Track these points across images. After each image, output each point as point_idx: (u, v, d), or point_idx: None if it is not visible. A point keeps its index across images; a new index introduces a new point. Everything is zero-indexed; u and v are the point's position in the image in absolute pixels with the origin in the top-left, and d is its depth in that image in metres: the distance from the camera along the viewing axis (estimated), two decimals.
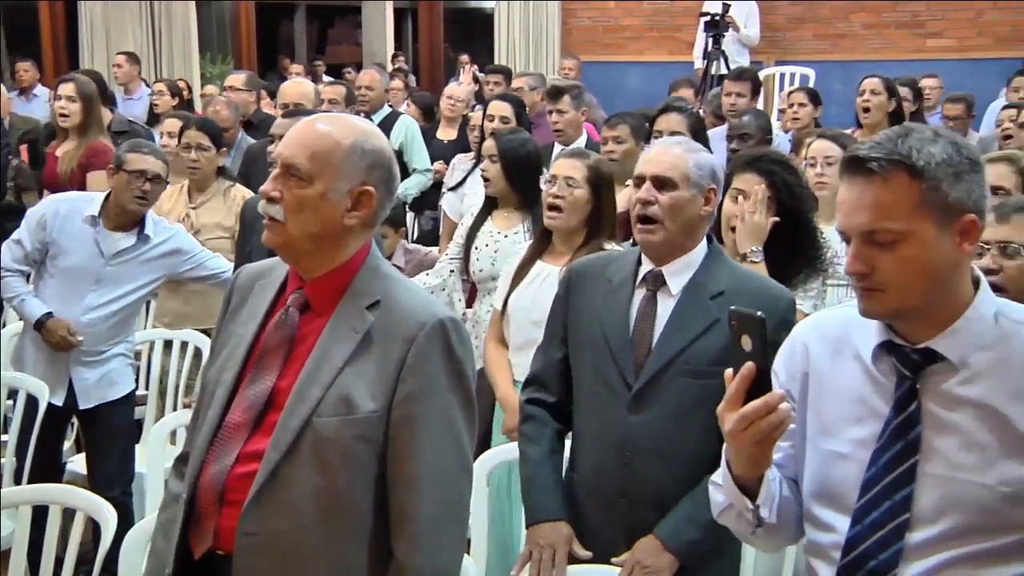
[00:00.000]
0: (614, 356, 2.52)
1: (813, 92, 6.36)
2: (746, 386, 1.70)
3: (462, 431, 2.01)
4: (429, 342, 1.96)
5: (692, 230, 2.56)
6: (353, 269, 2.03)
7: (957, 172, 1.68)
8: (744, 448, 1.74)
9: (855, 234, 1.71)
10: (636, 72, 10.45)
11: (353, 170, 1.98)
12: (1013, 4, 9.71)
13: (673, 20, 10.68)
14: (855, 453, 1.78)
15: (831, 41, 10.30)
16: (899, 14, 10.06)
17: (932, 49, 9.91)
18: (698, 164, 2.56)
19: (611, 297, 2.58)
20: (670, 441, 2.47)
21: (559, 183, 3.37)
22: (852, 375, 1.82)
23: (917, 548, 1.71)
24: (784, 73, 9.76)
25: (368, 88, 6.76)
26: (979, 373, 1.71)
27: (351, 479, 1.95)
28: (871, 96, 5.45)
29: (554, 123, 5.49)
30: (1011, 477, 1.67)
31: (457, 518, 2.03)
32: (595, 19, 11.16)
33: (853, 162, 1.71)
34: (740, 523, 1.89)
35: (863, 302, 1.74)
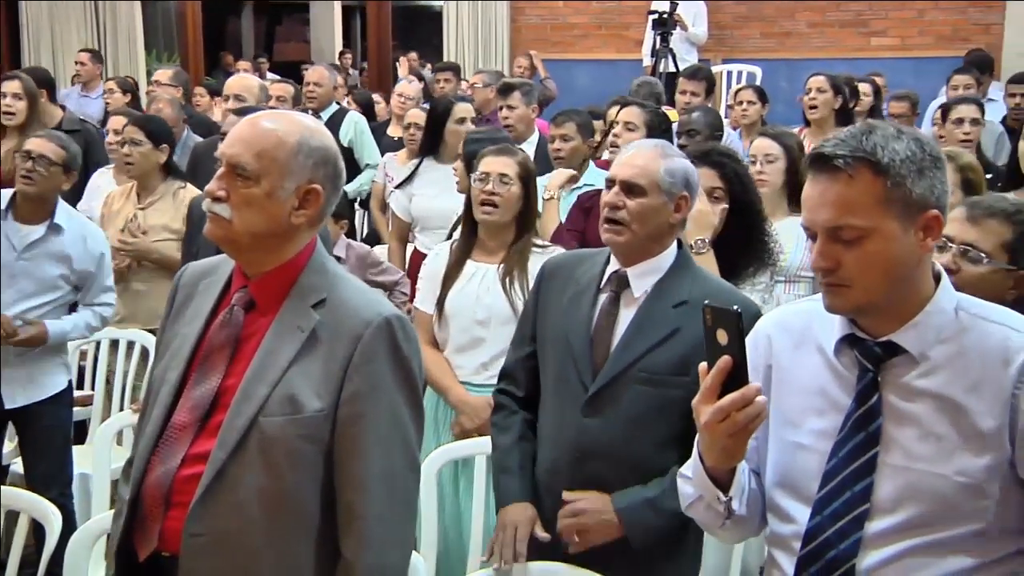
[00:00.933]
0: (574, 357, 2.53)
1: (760, 90, 6.44)
2: (722, 379, 1.71)
3: (409, 429, 2.00)
4: (375, 340, 1.95)
5: (660, 236, 2.55)
6: (299, 267, 2.01)
7: (920, 168, 1.70)
8: (719, 440, 1.75)
9: (820, 230, 1.72)
10: (585, 70, 10.47)
11: (299, 168, 1.97)
12: (953, 4, 9.89)
13: (621, 18, 10.72)
14: (816, 444, 1.81)
15: (777, 39, 10.40)
16: (843, 13, 10.19)
17: (876, 48, 10.05)
18: (670, 171, 2.54)
19: (577, 297, 2.58)
20: (622, 446, 2.47)
21: (494, 180, 3.37)
22: (814, 367, 1.84)
23: (875, 538, 1.73)
24: (731, 71, 9.84)
25: (316, 85, 6.72)
26: (938, 366, 1.74)
27: (298, 478, 1.94)
28: (817, 94, 5.51)
29: (504, 118, 5.49)
30: (967, 467, 1.69)
31: (405, 516, 2.03)
32: (544, 17, 11.17)
33: (818, 159, 1.72)
34: (709, 515, 1.90)
35: (828, 297, 1.76)
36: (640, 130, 4.08)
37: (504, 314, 3.30)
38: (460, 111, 5.05)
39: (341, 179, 2.06)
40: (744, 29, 10.45)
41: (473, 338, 3.38)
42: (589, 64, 10.60)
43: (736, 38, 10.44)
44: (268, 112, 2.07)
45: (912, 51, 9.92)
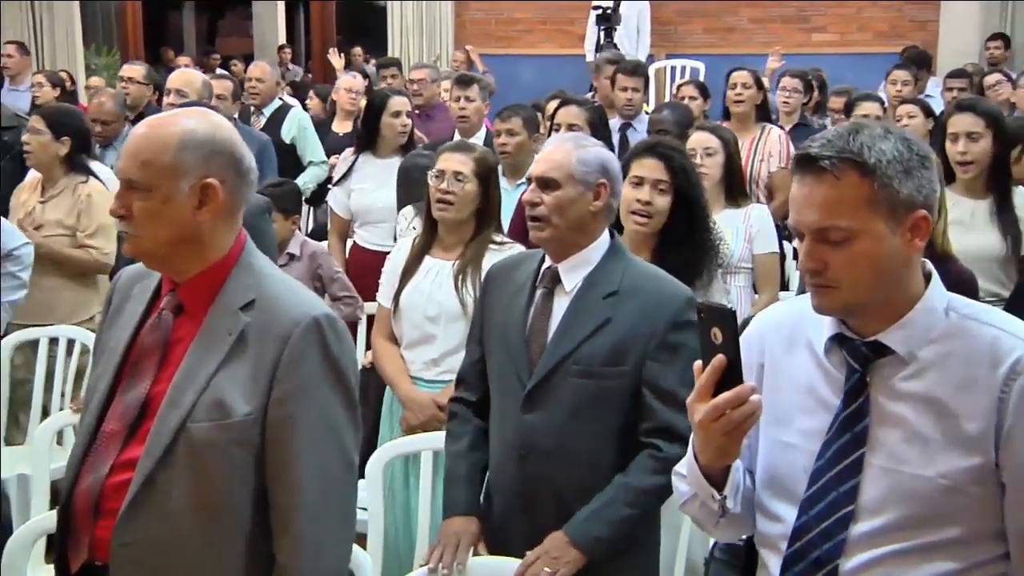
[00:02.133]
0: (511, 355, 2.54)
1: (702, 85, 6.48)
2: (716, 378, 1.69)
3: (344, 431, 1.95)
4: (303, 341, 1.89)
5: (584, 226, 2.56)
6: (227, 267, 1.95)
7: (907, 169, 1.68)
8: (713, 439, 1.73)
9: (807, 231, 1.71)
10: (529, 65, 10.50)
11: (188, 165, 1.89)
12: (891, 2, 10.08)
13: (565, 13, 10.77)
14: (804, 444, 1.79)
15: (720, 35, 10.51)
16: (784, 9, 10.33)
17: (816, 43, 10.20)
18: (583, 161, 2.55)
19: (514, 296, 2.59)
20: (563, 441, 2.47)
21: (448, 178, 3.37)
22: (804, 366, 1.83)
23: (859, 540, 1.72)
24: (675, 66, 9.92)
25: (259, 80, 6.66)
26: (926, 367, 1.72)
27: (228, 485, 1.89)
28: (743, 89, 5.57)
29: (461, 109, 5.46)
30: (950, 470, 1.68)
31: (341, 519, 1.97)
32: (488, 12, 11.18)
33: (804, 160, 1.70)
34: (703, 513, 1.88)
35: (816, 298, 1.74)
36: (584, 130, 4.08)
37: (453, 311, 3.29)
38: (395, 104, 5.01)
39: (244, 164, 1.95)
40: (687, 25, 10.55)
41: (424, 334, 3.37)
42: (533, 59, 10.63)
43: (680, 34, 10.53)
44: (152, 117, 1.99)
45: (851, 47, 10.08)
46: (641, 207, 3.14)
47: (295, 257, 4.58)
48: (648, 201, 3.13)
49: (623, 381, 2.46)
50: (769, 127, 5.55)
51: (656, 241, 3.19)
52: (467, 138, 5.42)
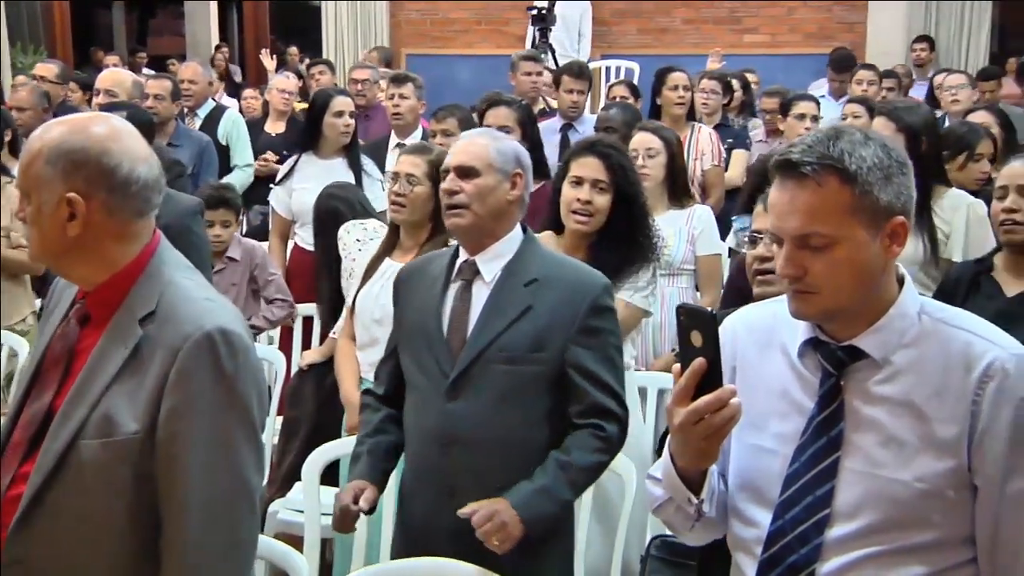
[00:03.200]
0: (430, 345, 2.55)
1: (633, 85, 6.55)
2: (696, 381, 1.68)
3: (240, 451, 1.84)
4: (193, 356, 1.79)
5: (501, 215, 2.59)
6: (132, 275, 1.87)
7: (887, 175, 1.69)
8: (693, 442, 1.72)
9: (788, 237, 1.71)
10: (465, 65, 10.49)
11: (51, 179, 1.80)
12: (820, 3, 10.23)
13: (501, 13, 10.78)
14: (779, 448, 1.79)
15: (654, 35, 10.59)
16: (717, 10, 10.44)
17: (748, 44, 10.31)
18: (500, 151, 2.60)
19: (429, 291, 2.61)
20: (489, 429, 2.49)
21: (401, 181, 3.38)
22: (778, 370, 1.83)
23: (835, 544, 1.72)
24: (610, 66, 9.97)
25: (191, 82, 6.58)
26: (900, 371, 1.72)
27: (116, 505, 1.82)
28: (684, 92, 5.63)
29: (395, 107, 5.49)
30: (926, 473, 1.68)
31: (231, 544, 1.86)
32: (423, 12, 11.15)
33: (785, 165, 1.70)
34: (678, 517, 1.88)
35: (794, 303, 1.74)
36: (515, 130, 4.09)
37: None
38: (338, 104, 5.01)
39: (121, 178, 1.83)
40: (621, 25, 10.61)
41: (371, 337, 3.40)
42: (469, 59, 10.62)
43: (614, 34, 10.59)
44: (51, 121, 1.92)
45: (782, 48, 10.22)
46: (581, 206, 3.17)
47: (234, 260, 4.55)
48: (588, 200, 3.16)
49: (546, 367, 2.50)
50: (699, 126, 5.63)
51: (593, 239, 3.22)
52: (403, 137, 5.43)
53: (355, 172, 4.97)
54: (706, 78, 6.51)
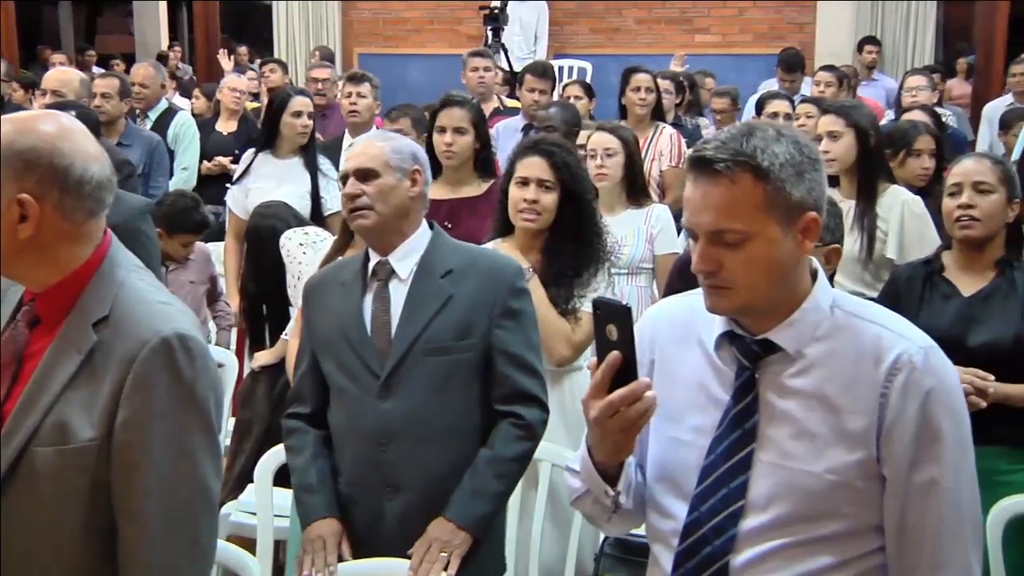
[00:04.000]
0: (355, 349, 2.56)
1: (587, 85, 6.55)
2: (611, 374, 1.69)
3: (199, 459, 1.81)
4: (150, 363, 1.75)
5: (406, 213, 2.62)
6: (84, 278, 1.82)
7: (799, 171, 1.70)
8: (609, 435, 1.74)
9: (702, 233, 1.72)
10: (418, 65, 10.49)
11: (1, 180, 1.75)
12: (770, 3, 10.34)
13: (453, 13, 10.78)
14: (695, 440, 1.81)
15: (606, 35, 10.65)
16: (668, 11, 10.51)
17: (700, 44, 10.39)
18: (396, 150, 2.64)
19: (345, 297, 2.62)
20: (426, 422, 2.51)
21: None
22: (695, 363, 1.84)
23: (749, 535, 1.74)
24: (562, 66, 10.00)
25: (142, 85, 6.52)
26: (813, 364, 1.75)
27: (71, 513, 1.77)
28: (646, 94, 5.66)
29: (352, 104, 5.49)
30: (837, 465, 1.71)
31: (191, 550, 1.83)
32: (375, 12, 11.13)
33: (699, 162, 1.71)
34: (596, 509, 1.90)
35: (710, 299, 1.76)
36: (469, 131, 4.09)
37: None
38: (296, 104, 4.98)
39: (74, 178, 1.78)
40: (574, 25, 10.66)
41: None
42: (422, 59, 10.61)
43: (566, 33, 10.63)
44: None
45: (733, 48, 10.32)
46: (528, 205, 3.17)
47: (190, 260, 4.53)
48: (534, 200, 3.17)
49: (475, 353, 2.55)
50: (662, 126, 5.65)
51: (546, 239, 3.23)
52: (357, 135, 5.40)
53: (311, 172, 4.96)
54: (659, 78, 6.55)
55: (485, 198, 4.01)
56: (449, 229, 3.70)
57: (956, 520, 1.73)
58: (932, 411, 1.70)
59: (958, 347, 2.90)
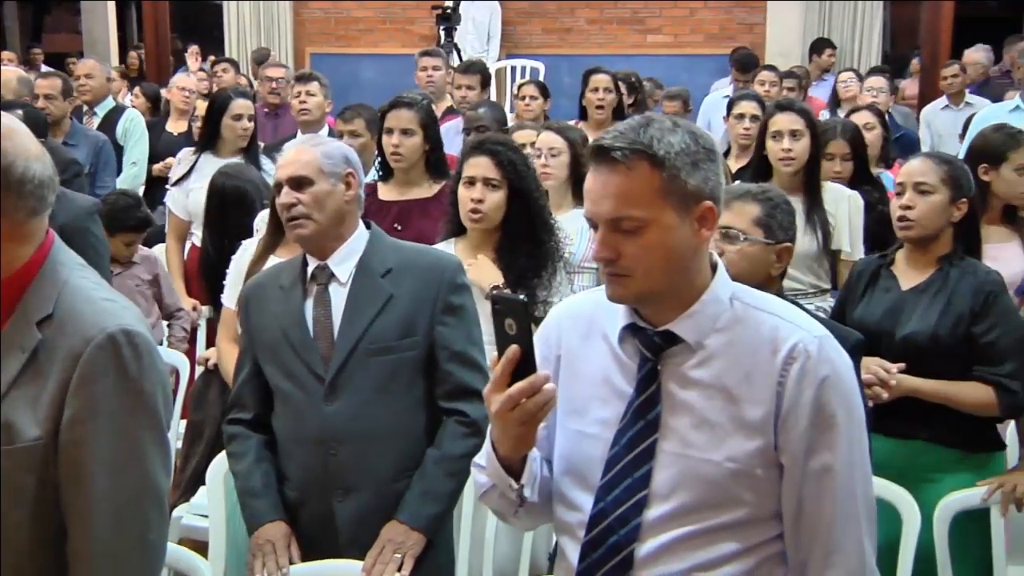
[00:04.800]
0: (298, 353, 2.55)
1: (542, 85, 6.57)
2: (511, 368, 1.71)
3: (148, 456, 1.79)
4: (96, 359, 1.73)
5: (343, 217, 2.62)
6: (27, 277, 1.79)
7: (695, 161, 1.74)
8: (510, 429, 1.76)
9: (601, 221, 1.75)
10: (371, 65, 10.45)
11: None
12: (721, 4, 10.42)
13: (406, 13, 10.76)
14: (600, 432, 1.83)
15: (558, 35, 10.67)
16: (620, 11, 10.56)
17: (651, 45, 10.46)
18: (327, 155, 2.63)
19: (285, 301, 2.61)
20: (373, 422, 2.52)
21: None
22: (600, 356, 1.87)
23: (653, 524, 1.77)
24: (515, 66, 10.02)
25: (88, 76, 6.45)
26: (713, 354, 1.78)
27: (19, 514, 1.75)
28: (604, 94, 5.68)
29: (302, 103, 5.50)
30: (737, 453, 1.75)
31: (141, 548, 1.81)
32: (327, 11, 11.07)
33: (598, 151, 1.75)
34: (502, 503, 1.91)
35: (610, 287, 1.79)
36: (416, 132, 4.08)
37: None
38: (237, 107, 4.98)
39: (16, 177, 1.76)
40: (527, 25, 10.68)
41: None
42: (374, 58, 10.58)
43: (519, 33, 10.65)
44: None
45: (685, 48, 10.39)
46: (475, 204, 3.18)
47: (135, 263, 4.49)
48: (480, 199, 3.18)
49: (418, 351, 2.56)
50: None
51: (498, 239, 3.24)
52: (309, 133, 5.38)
53: None
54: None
55: (436, 199, 4.01)
56: (399, 231, 3.71)
57: (850, 505, 1.77)
58: (826, 398, 1.74)
59: (886, 339, 2.95)
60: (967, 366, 2.95)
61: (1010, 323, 2.95)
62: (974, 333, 2.93)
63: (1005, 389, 2.90)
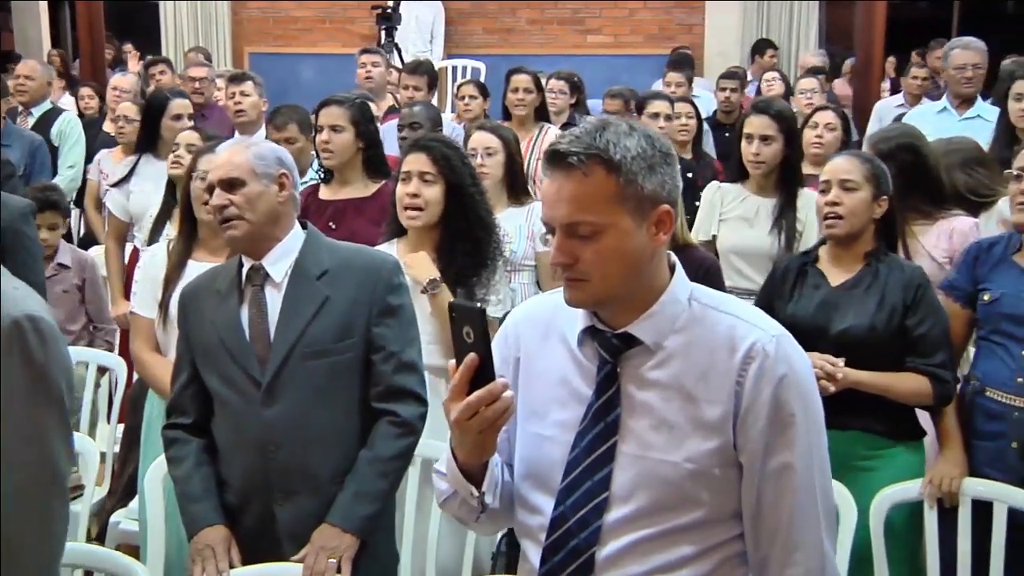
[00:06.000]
0: (235, 358, 2.54)
1: (482, 85, 6.58)
2: (470, 376, 1.71)
3: (52, 441, 1.77)
4: (1, 344, 1.71)
5: (276, 218, 2.60)
6: None
7: (651, 165, 1.73)
8: (469, 436, 1.75)
9: (558, 226, 1.75)
10: (310, 64, 10.38)
11: None
12: (660, 4, 10.50)
13: (346, 12, 10.71)
14: (560, 435, 1.83)
15: (499, 35, 10.69)
16: (560, 11, 10.60)
17: (592, 45, 10.52)
18: (259, 156, 2.62)
19: (221, 306, 2.60)
20: (312, 426, 2.52)
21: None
22: (559, 359, 1.86)
23: (613, 526, 1.77)
24: (456, 66, 10.02)
25: (27, 78, 6.36)
26: (671, 355, 1.78)
27: None
28: (524, 94, 5.71)
29: (237, 104, 5.46)
30: (695, 454, 1.74)
31: (44, 536, 1.79)
32: (265, 10, 10.98)
33: (553, 156, 1.74)
34: (464, 510, 1.91)
35: (568, 291, 1.78)
36: (348, 129, 4.07)
37: None
38: (176, 107, 4.95)
39: None
40: (467, 25, 10.68)
41: None
42: (315, 58, 10.52)
43: (460, 33, 10.64)
44: None
45: (625, 48, 10.45)
46: (410, 200, 3.18)
47: (66, 267, 4.42)
48: (416, 193, 3.18)
49: (355, 353, 2.55)
50: (547, 126, 5.70)
51: (437, 238, 3.24)
52: (247, 134, 5.35)
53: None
54: (554, 78, 6.61)
55: (374, 199, 3.99)
56: (332, 230, 3.69)
57: (809, 503, 1.78)
58: (784, 397, 1.74)
59: (820, 334, 3.01)
60: (900, 358, 3.01)
61: (938, 316, 3.04)
62: (907, 326, 3.00)
63: (938, 379, 2.98)
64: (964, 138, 4.21)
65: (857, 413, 2.98)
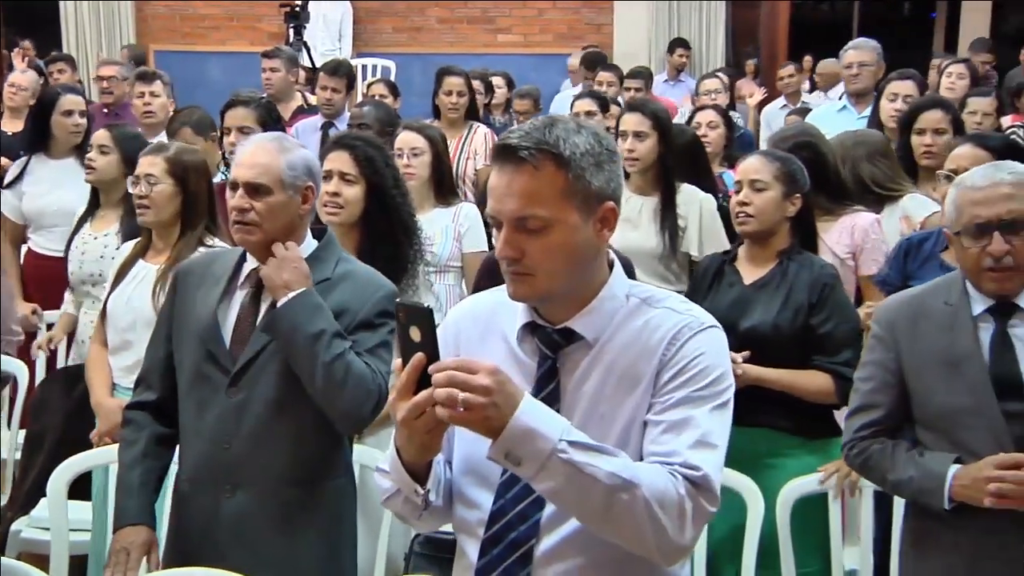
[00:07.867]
0: (210, 341, 2.52)
1: (392, 84, 6.57)
2: (416, 376, 1.69)
3: None
4: None
5: (293, 229, 2.57)
6: None
7: (599, 162, 1.76)
8: (416, 436, 1.74)
9: (506, 220, 1.75)
10: (217, 63, 10.23)
11: None
12: (569, 4, 10.58)
13: (253, 10, 10.59)
14: None
15: (409, 34, 10.66)
16: (471, 10, 10.61)
17: (502, 44, 10.54)
18: (291, 165, 2.54)
19: (211, 289, 2.57)
20: (271, 420, 2.50)
21: (141, 183, 3.31)
22: (498, 356, 1.85)
23: (552, 519, 1.79)
24: (366, 65, 9.96)
25: None
26: (608, 349, 1.81)
27: None
28: (458, 97, 5.70)
29: (146, 105, 5.38)
30: (624, 439, 1.77)
31: None
32: (171, 8, 10.80)
33: (504, 150, 1.76)
34: (407, 508, 1.90)
35: (512, 286, 1.79)
36: (255, 129, 4.03)
37: (147, 317, 3.20)
38: (67, 103, 4.79)
39: None
40: (376, 23, 10.63)
41: (123, 340, 3.32)
42: (222, 56, 10.38)
43: (369, 32, 10.59)
44: None
45: (534, 48, 10.51)
46: (329, 198, 3.17)
47: None
48: (335, 192, 3.16)
49: None
50: (476, 126, 5.71)
51: (358, 239, 3.22)
52: (154, 136, 5.24)
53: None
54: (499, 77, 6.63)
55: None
56: None
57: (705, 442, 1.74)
58: (700, 362, 1.77)
59: (731, 331, 3.04)
60: (806, 356, 3.07)
61: (844, 314, 3.10)
62: (812, 324, 3.05)
63: (842, 377, 3.01)
64: (871, 131, 4.32)
65: (763, 410, 3.03)
